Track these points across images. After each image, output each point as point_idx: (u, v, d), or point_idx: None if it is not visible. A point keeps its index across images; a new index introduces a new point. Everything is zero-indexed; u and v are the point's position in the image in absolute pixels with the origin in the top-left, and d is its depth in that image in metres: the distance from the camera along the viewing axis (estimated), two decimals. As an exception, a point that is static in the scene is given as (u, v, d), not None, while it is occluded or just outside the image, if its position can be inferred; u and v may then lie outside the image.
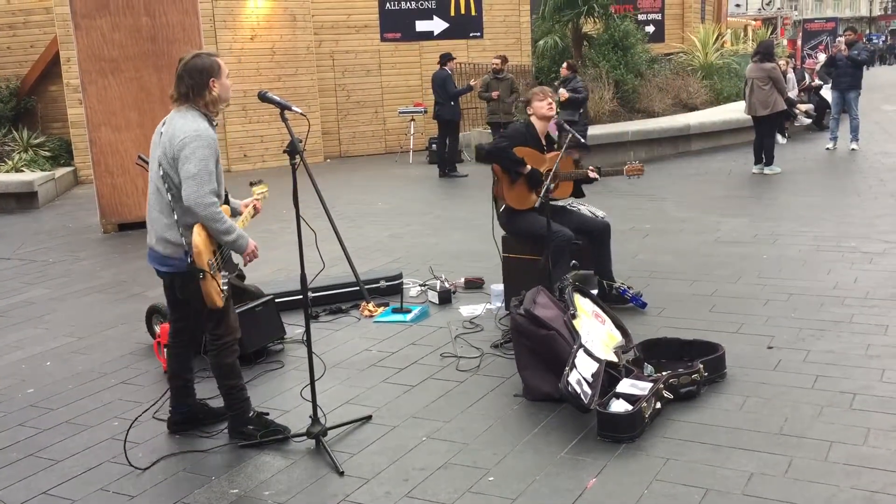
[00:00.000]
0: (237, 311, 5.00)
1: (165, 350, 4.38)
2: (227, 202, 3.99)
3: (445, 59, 13.03)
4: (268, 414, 4.13)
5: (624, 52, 15.80)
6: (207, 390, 4.40)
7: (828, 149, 13.45)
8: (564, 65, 12.41)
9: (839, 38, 13.92)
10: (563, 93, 11.65)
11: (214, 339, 3.90)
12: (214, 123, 3.81)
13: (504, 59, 13.26)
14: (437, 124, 13.28)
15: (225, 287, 3.76)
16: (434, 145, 13.77)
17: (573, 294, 4.64)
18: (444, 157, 12.92)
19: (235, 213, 4.06)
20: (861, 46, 13.60)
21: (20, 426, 4.32)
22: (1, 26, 14.67)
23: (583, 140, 5.49)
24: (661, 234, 7.94)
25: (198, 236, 3.66)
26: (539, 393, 4.22)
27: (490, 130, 13.46)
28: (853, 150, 13.01)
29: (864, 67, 13.94)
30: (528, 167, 5.45)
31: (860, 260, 6.60)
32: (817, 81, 17.21)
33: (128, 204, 9.40)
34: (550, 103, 5.51)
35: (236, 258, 4.02)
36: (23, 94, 14.57)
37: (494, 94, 12.91)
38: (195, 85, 3.71)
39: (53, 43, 13.85)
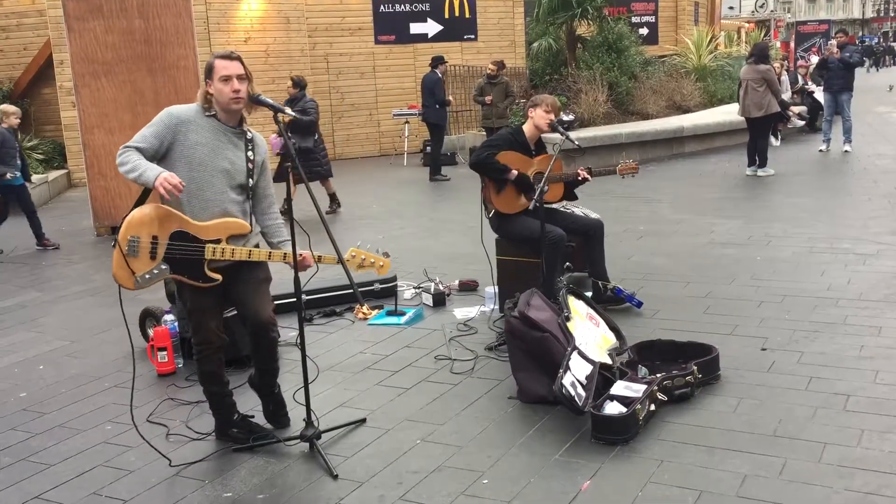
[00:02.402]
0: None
1: None
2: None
3: (437, 62, 13.02)
4: (253, 417, 4.12)
5: (618, 55, 15.83)
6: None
7: (821, 151, 13.48)
8: (290, 82, 10.13)
9: (831, 41, 13.96)
10: None
11: (195, 345, 3.93)
12: (233, 126, 3.77)
13: (500, 65, 13.27)
14: (427, 127, 13.29)
15: (150, 276, 3.62)
16: (428, 148, 13.78)
17: (567, 296, 4.64)
18: (427, 161, 12.92)
19: (272, 244, 3.97)
20: (853, 49, 13.67)
21: (12, 430, 4.30)
22: (-6, 29, 14.63)
23: (576, 143, 5.49)
24: (655, 236, 7.95)
25: (138, 210, 3.63)
26: (533, 395, 4.22)
27: (485, 133, 13.47)
28: (846, 151, 13.05)
29: (872, 67, 14.09)
30: (515, 172, 5.45)
31: (854, 261, 6.61)
32: (811, 85, 17.26)
33: (121, 207, 9.37)
34: (551, 120, 5.50)
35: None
36: (16, 97, 14.52)
37: (487, 98, 12.91)
38: (203, 80, 3.78)
39: (46, 45, 13.83)
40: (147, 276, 3.63)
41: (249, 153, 3.82)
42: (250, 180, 3.82)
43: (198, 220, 3.69)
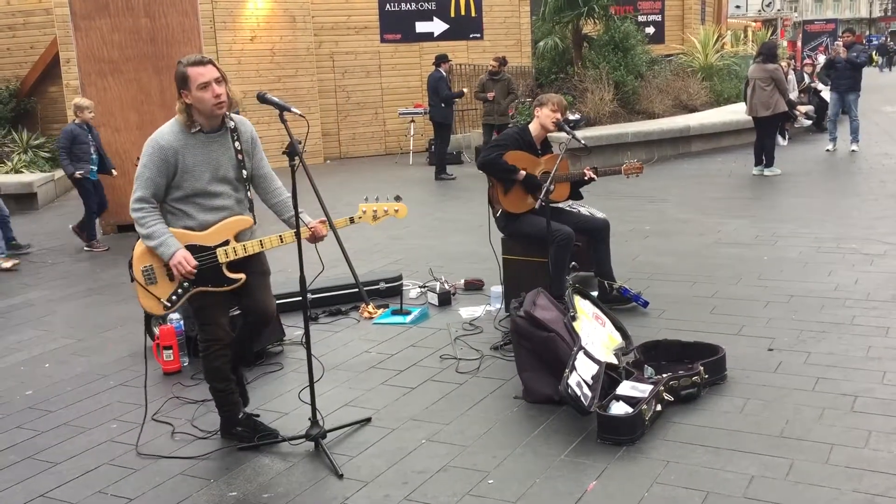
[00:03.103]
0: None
1: None
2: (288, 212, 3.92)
3: (440, 60, 13.00)
4: (258, 416, 4.12)
5: (624, 54, 15.80)
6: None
7: (828, 150, 13.44)
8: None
9: (837, 42, 13.92)
10: None
11: (201, 342, 3.92)
12: (214, 130, 3.71)
13: (502, 62, 13.25)
14: (433, 126, 13.28)
15: (176, 296, 3.73)
16: (434, 147, 13.77)
17: (573, 296, 4.63)
18: (433, 159, 12.91)
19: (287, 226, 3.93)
20: (860, 48, 13.62)
21: (18, 428, 4.30)
22: (0, 27, 14.66)
23: (582, 143, 5.47)
24: (662, 236, 7.93)
25: (140, 243, 3.73)
26: (539, 395, 4.21)
27: (482, 131, 13.47)
28: (853, 151, 13.01)
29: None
30: (523, 172, 5.44)
31: (861, 261, 6.58)
32: (818, 85, 17.20)
33: (127, 205, 9.35)
34: (558, 119, 5.48)
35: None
36: (22, 96, 14.58)
37: (489, 94, 12.90)
38: (176, 95, 3.68)
39: (53, 44, 13.86)
40: (174, 297, 3.73)
41: (236, 144, 3.78)
42: (244, 171, 3.81)
43: (204, 225, 3.73)
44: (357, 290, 6.11)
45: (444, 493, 3.41)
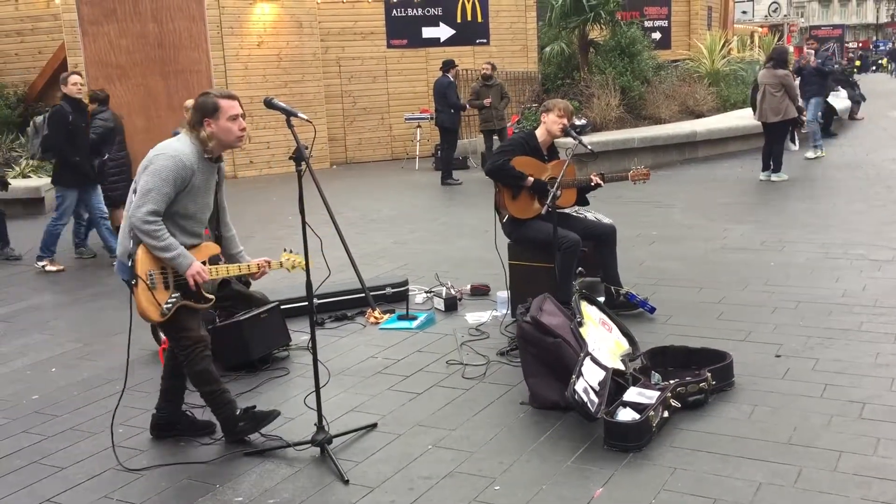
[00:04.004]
0: (243, 317, 5.01)
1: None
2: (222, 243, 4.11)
3: (448, 66, 13.03)
4: (255, 407, 4.12)
5: (630, 59, 15.80)
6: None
7: (820, 156, 13.41)
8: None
9: (808, 50, 13.90)
10: None
11: (181, 350, 3.93)
12: (214, 159, 3.89)
13: (493, 66, 13.32)
14: (439, 131, 13.28)
15: (170, 304, 3.79)
16: (440, 152, 13.78)
17: (580, 301, 4.62)
18: (439, 165, 12.92)
19: (232, 260, 4.12)
20: (824, 55, 13.68)
21: (25, 433, 4.31)
22: (9, 33, 14.73)
23: (589, 148, 5.47)
24: (668, 241, 7.91)
25: (142, 250, 3.76)
26: (545, 401, 4.19)
27: (483, 138, 13.46)
28: (808, 158, 12.98)
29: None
30: (531, 178, 5.43)
31: (868, 267, 6.56)
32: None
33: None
34: (564, 125, 5.48)
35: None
36: (30, 100, 14.63)
37: (486, 101, 12.92)
38: (194, 120, 3.83)
39: (61, 49, 13.90)
40: (168, 306, 3.80)
41: (216, 177, 4.01)
42: (220, 207, 4.09)
43: (191, 250, 3.86)
44: (363, 295, 6.11)
45: (450, 499, 3.40)
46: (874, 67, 48.21)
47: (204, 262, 3.88)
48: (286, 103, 3.91)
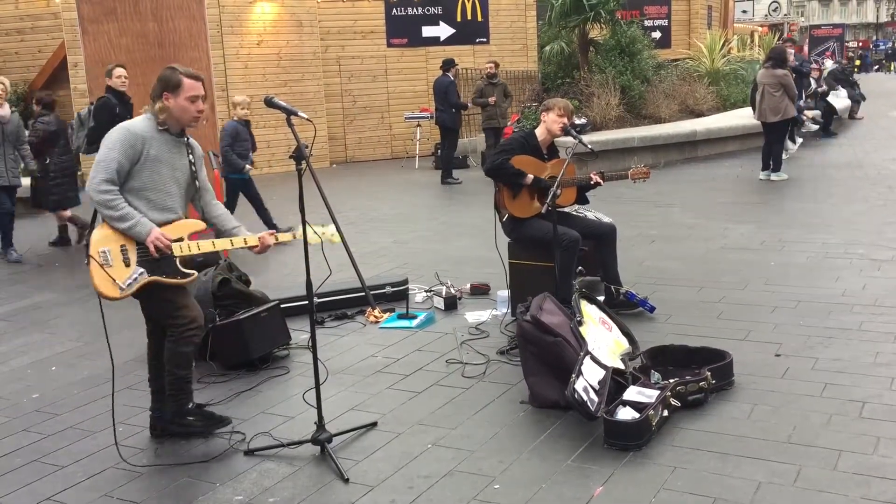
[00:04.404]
0: (242, 316, 5.02)
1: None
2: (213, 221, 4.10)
3: (448, 65, 13.03)
4: (206, 405, 4.15)
5: (630, 58, 15.79)
6: (205, 397, 4.38)
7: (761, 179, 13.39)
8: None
9: (790, 49, 13.78)
10: None
11: (175, 328, 3.95)
12: (175, 134, 3.91)
13: (496, 65, 13.32)
14: (440, 130, 13.28)
15: (131, 280, 3.77)
16: (440, 151, 13.78)
17: (579, 300, 4.62)
18: (439, 164, 12.91)
19: (223, 235, 4.09)
20: (800, 57, 13.57)
21: (25, 431, 4.31)
22: (9, 31, 14.73)
23: (589, 147, 5.47)
24: (668, 241, 7.91)
25: (98, 228, 3.79)
26: (545, 400, 4.20)
27: (486, 136, 13.45)
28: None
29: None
30: (530, 177, 5.43)
31: (868, 267, 6.56)
32: (823, 87, 17.16)
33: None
34: (564, 124, 5.48)
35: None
36: (30, 99, 14.61)
37: (491, 99, 12.93)
38: (154, 91, 3.89)
39: (61, 48, 13.91)
40: (129, 282, 3.79)
41: (190, 157, 4.01)
42: (196, 182, 4.02)
43: (165, 226, 3.86)
44: (363, 293, 6.11)
45: (450, 497, 3.40)
46: (876, 67, 48.15)
47: (181, 239, 3.86)
48: (286, 102, 3.91)
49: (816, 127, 16.15)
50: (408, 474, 3.62)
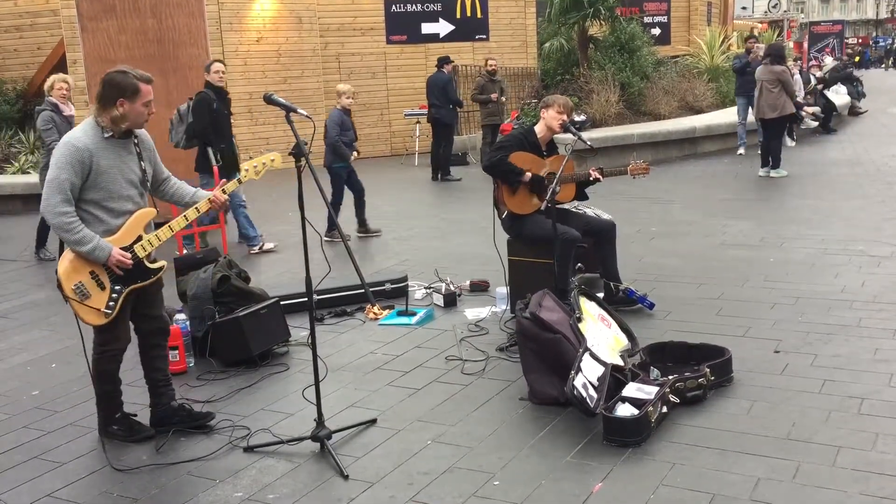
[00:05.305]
0: (242, 313, 5.02)
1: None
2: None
3: (444, 62, 13.04)
4: (136, 415, 4.16)
5: (630, 55, 15.78)
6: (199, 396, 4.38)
7: (740, 154, 13.36)
8: None
9: (757, 45, 13.72)
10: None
11: (97, 345, 3.96)
12: (119, 136, 3.83)
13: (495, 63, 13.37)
14: (432, 128, 13.23)
15: (113, 301, 3.79)
16: (440, 148, 13.76)
17: (579, 297, 4.62)
18: (439, 161, 12.89)
19: (189, 207, 4.07)
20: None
21: (25, 428, 4.31)
22: (8, 28, 14.71)
23: (588, 144, 5.47)
24: (667, 237, 7.92)
25: (62, 261, 3.76)
26: (545, 396, 4.20)
27: (485, 133, 13.43)
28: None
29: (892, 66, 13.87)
30: (529, 174, 5.43)
31: (868, 263, 6.56)
32: (820, 77, 17.14)
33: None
34: (564, 121, 5.48)
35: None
36: (30, 96, 14.60)
37: (494, 95, 12.92)
38: (104, 97, 3.79)
39: (60, 45, 13.89)
40: (112, 304, 3.80)
41: (138, 149, 3.95)
42: (147, 176, 3.98)
43: (114, 230, 3.82)
44: (363, 290, 6.11)
45: (449, 494, 3.41)
46: (882, 65, 48.04)
47: (140, 238, 3.86)
48: (285, 99, 3.91)
49: (816, 123, 16.17)
50: (407, 471, 3.62)
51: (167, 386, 4.17)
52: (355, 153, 8.80)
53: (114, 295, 3.81)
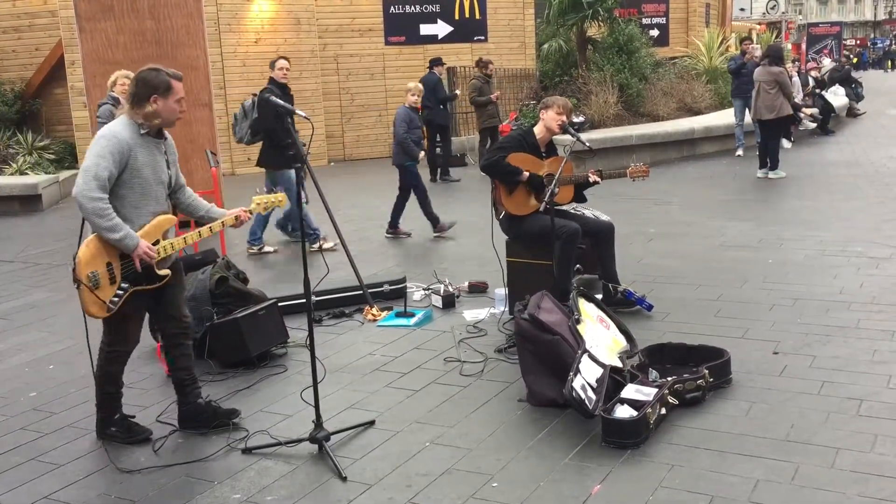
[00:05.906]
0: (240, 314, 5.01)
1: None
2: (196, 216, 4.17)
3: (435, 62, 13.05)
4: (134, 417, 4.16)
5: (628, 56, 15.79)
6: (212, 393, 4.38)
7: (738, 155, 13.36)
8: None
9: (752, 46, 13.72)
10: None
11: (105, 345, 3.98)
12: (153, 134, 3.87)
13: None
14: (427, 130, 13.21)
15: (117, 298, 3.79)
16: (438, 149, 13.75)
17: (577, 298, 4.62)
18: (437, 162, 12.89)
19: (203, 222, 4.12)
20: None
21: (22, 430, 4.30)
22: (6, 29, 14.70)
23: (587, 145, 5.47)
24: (666, 239, 7.92)
25: (85, 247, 3.76)
26: (543, 398, 4.20)
27: (483, 136, 13.37)
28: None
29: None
30: (526, 173, 5.43)
31: (866, 265, 6.56)
32: (813, 81, 17.14)
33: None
34: (563, 122, 5.48)
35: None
36: (28, 97, 14.60)
37: (494, 96, 12.92)
38: (137, 94, 3.82)
39: (58, 46, 13.88)
40: (115, 300, 3.81)
41: (167, 156, 4.00)
42: (171, 183, 4.04)
43: (140, 230, 3.84)
44: (361, 292, 6.11)
45: (448, 496, 3.40)
46: (882, 67, 48.05)
47: (157, 241, 3.87)
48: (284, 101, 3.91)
49: (814, 125, 16.18)
50: (406, 472, 3.62)
51: (193, 384, 4.17)
52: (422, 152, 8.81)
53: (119, 291, 3.81)
